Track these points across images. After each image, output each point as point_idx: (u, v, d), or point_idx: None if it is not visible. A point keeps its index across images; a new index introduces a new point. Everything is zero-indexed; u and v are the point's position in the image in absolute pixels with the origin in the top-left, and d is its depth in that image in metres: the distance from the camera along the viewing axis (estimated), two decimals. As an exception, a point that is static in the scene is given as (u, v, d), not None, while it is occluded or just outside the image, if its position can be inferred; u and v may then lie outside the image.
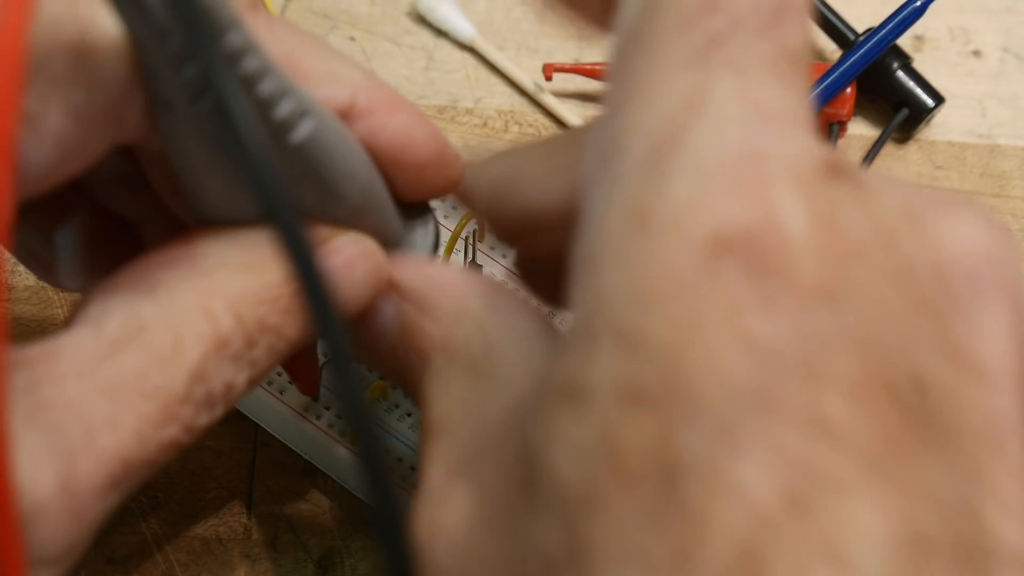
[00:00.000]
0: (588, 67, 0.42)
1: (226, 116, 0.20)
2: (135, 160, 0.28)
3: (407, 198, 0.28)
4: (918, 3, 0.40)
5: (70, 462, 0.21)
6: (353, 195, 0.26)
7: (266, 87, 0.22)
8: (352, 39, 0.43)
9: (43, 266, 0.29)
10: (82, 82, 0.22)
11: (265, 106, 0.23)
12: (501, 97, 0.42)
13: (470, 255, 0.36)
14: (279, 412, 0.34)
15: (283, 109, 0.23)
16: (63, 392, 0.22)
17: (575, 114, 0.42)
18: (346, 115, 0.26)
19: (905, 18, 0.41)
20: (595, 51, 0.43)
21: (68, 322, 0.23)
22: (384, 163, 0.27)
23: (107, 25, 0.22)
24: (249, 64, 0.22)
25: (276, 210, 0.20)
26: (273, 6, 0.43)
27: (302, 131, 0.23)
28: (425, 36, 0.43)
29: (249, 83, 0.22)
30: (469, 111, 0.42)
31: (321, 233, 0.26)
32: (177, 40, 0.21)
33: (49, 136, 0.22)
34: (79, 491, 0.21)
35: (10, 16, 0.20)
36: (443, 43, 0.43)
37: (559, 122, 0.42)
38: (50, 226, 0.29)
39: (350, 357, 0.20)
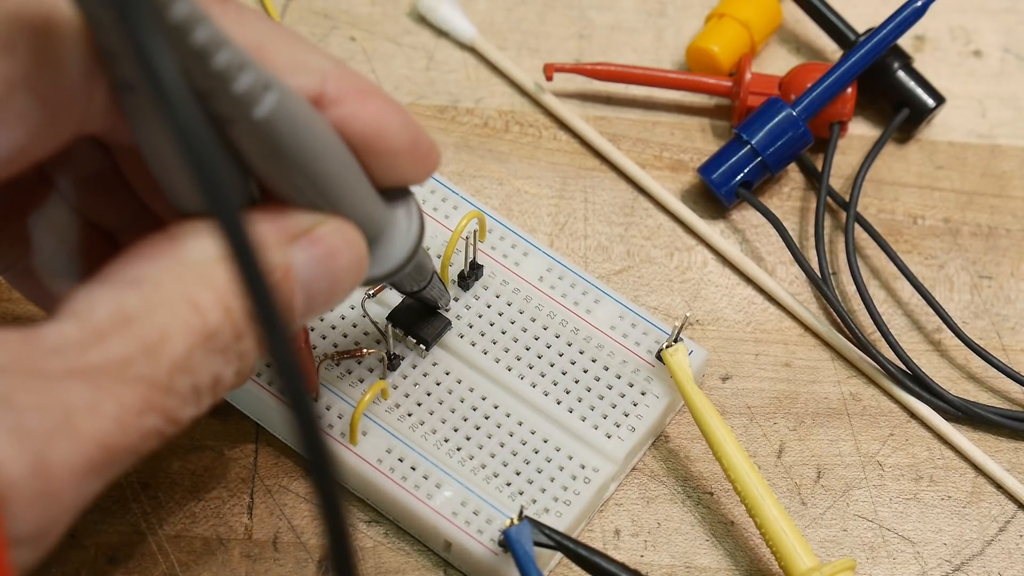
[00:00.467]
0: (589, 67, 0.42)
1: (157, 90, 0.19)
2: (114, 162, 0.28)
3: (384, 184, 0.28)
4: (918, 3, 0.40)
5: (46, 443, 0.21)
6: (328, 174, 0.25)
7: (222, 59, 0.22)
8: (352, 39, 0.43)
9: (36, 286, 0.29)
10: (46, 63, 0.22)
11: (224, 79, 0.22)
12: (502, 97, 0.42)
13: (471, 255, 0.36)
14: (279, 412, 0.34)
15: (244, 82, 0.22)
16: (42, 374, 0.22)
17: (576, 114, 0.42)
18: (316, 103, 0.25)
19: (906, 18, 0.41)
20: (595, 51, 0.43)
21: (51, 314, 0.23)
22: (358, 151, 0.26)
23: (68, 7, 0.22)
24: (200, 35, 0.21)
25: (208, 186, 0.19)
26: (273, 6, 0.43)
27: (266, 104, 0.23)
28: (425, 36, 0.43)
29: (202, 55, 0.22)
30: (469, 111, 0.42)
31: (304, 221, 0.26)
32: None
33: (13, 117, 0.22)
34: (55, 472, 0.21)
35: None
36: (443, 43, 0.43)
37: (560, 122, 0.42)
38: (23, 220, 0.29)
39: (288, 343, 0.20)
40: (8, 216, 0.28)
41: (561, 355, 0.36)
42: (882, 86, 0.42)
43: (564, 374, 0.35)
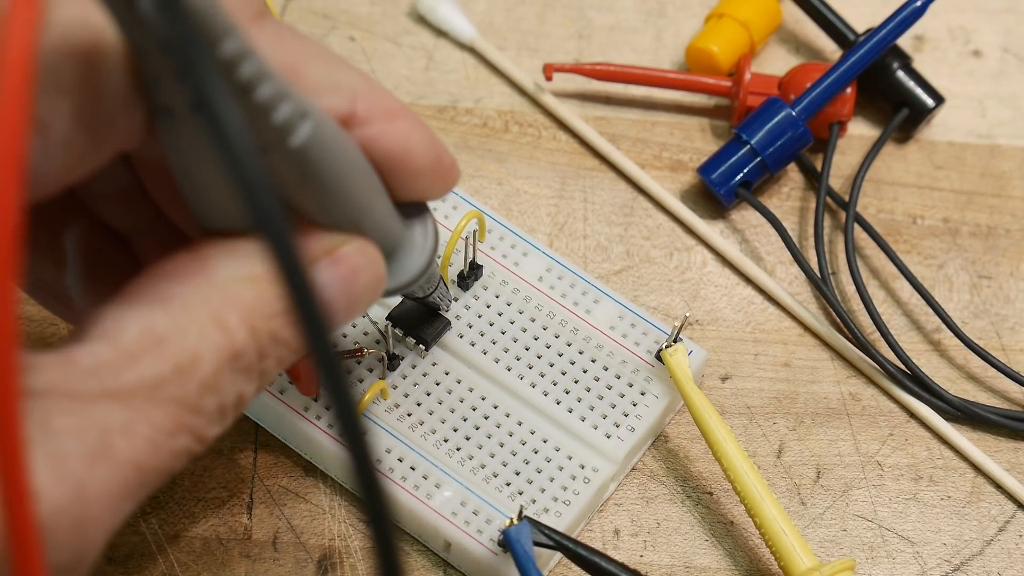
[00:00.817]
0: (588, 67, 0.42)
1: (216, 126, 0.20)
2: (133, 171, 0.28)
3: (404, 199, 0.28)
4: (918, 3, 0.40)
5: (84, 467, 0.21)
6: (354, 196, 0.26)
7: (264, 91, 0.22)
8: (352, 39, 0.43)
9: (53, 296, 0.29)
10: (90, 90, 0.22)
11: (264, 110, 0.23)
12: (501, 97, 0.42)
13: (470, 255, 0.36)
14: (279, 412, 0.34)
15: (282, 112, 0.23)
16: (77, 396, 0.22)
17: (575, 114, 0.42)
18: (345, 123, 0.26)
19: (905, 18, 0.41)
20: (595, 51, 0.43)
21: (77, 334, 0.23)
22: (382, 169, 0.27)
23: (113, 33, 0.22)
24: (246, 69, 0.22)
25: (265, 219, 0.20)
26: (273, 6, 0.43)
27: (302, 133, 0.23)
28: (425, 36, 0.43)
29: (247, 88, 0.22)
30: (469, 111, 0.42)
31: (327, 241, 0.26)
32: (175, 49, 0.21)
33: (57, 143, 0.22)
34: (92, 497, 0.21)
35: (18, 25, 0.19)
36: (443, 43, 0.43)
37: (559, 122, 0.42)
38: (53, 240, 0.29)
39: (339, 369, 0.20)
40: (35, 232, 0.28)
41: (560, 355, 0.36)
42: (881, 86, 0.42)
43: (563, 374, 0.35)
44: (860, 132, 0.42)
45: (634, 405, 0.35)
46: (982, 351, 0.38)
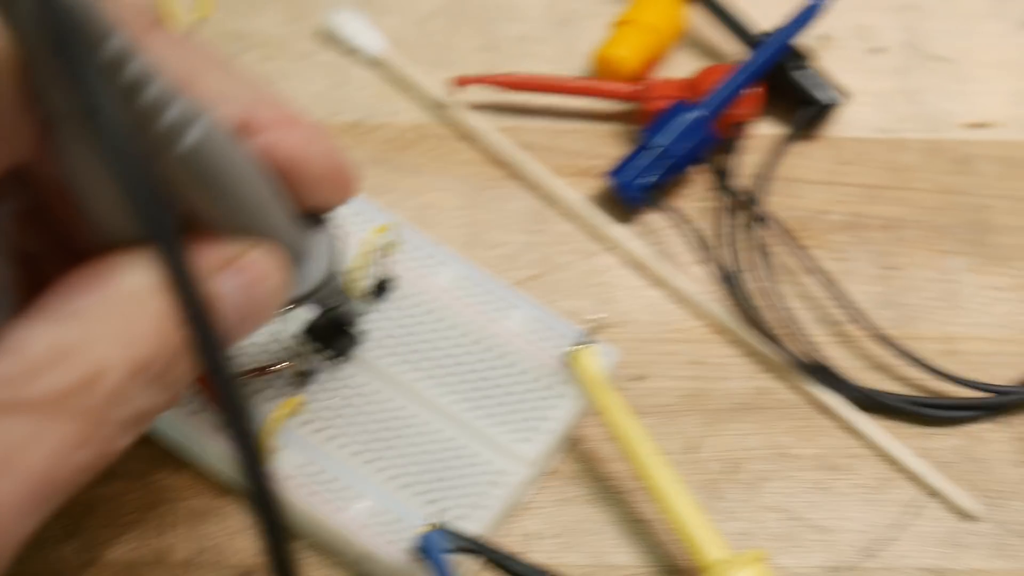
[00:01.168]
0: (497, 78, 0.42)
1: (99, 127, 0.20)
2: (35, 190, 0.28)
3: (304, 207, 0.28)
4: (815, 2, 0.41)
5: None
6: (251, 201, 0.26)
7: (151, 94, 0.22)
8: (263, 59, 0.43)
9: None
10: None
11: (151, 113, 0.23)
12: (412, 111, 0.43)
13: (383, 267, 0.36)
14: (194, 433, 0.34)
15: (170, 115, 0.23)
16: None
17: (486, 125, 0.42)
18: (242, 131, 0.26)
19: (803, 17, 0.41)
20: (505, 62, 0.44)
21: None
22: (281, 177, 0.27)
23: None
24: (130, 71, 0.22)
25: (152, 224, 0.20)
26: (184, 25, 0.43)
27: (191, 137, 0.23)
28: (336, 54, 0.44)
29: (132, 90, 0.22)
30: (381, 126, 0.42)
31: (231, 249, 0.26)
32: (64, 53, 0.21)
33: None
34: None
35: None
36: (354, 60, 0.44)
37: (470, 134, 0.42)
38: None
39: (229, 374, 0.20)
40: None
41: (475, 363, 0.36)
42: (786, 85, 0.43)
43: (479, 381, 0.36)
44: (766, 131, 0.43)
45: (548, 409, 0.35)
46: (890, 340, 0.38)
